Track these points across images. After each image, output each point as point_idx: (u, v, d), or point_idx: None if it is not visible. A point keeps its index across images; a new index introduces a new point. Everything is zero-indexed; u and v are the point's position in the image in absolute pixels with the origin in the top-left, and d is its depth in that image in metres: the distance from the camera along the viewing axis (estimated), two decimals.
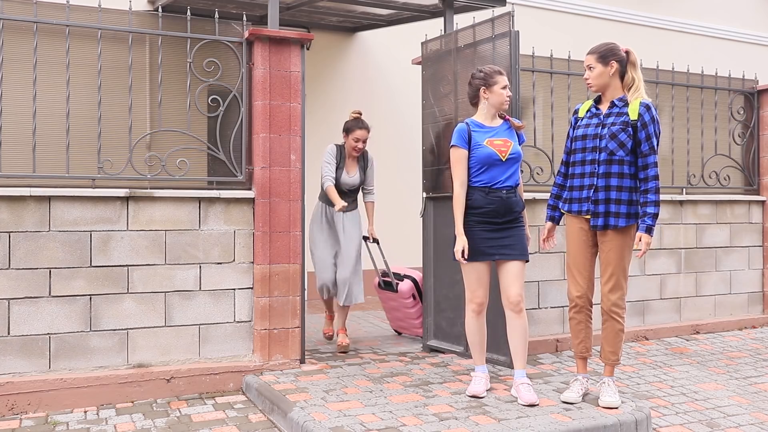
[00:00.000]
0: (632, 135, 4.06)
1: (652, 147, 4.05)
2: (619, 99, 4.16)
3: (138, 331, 4.77)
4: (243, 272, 5.04)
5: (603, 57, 4.14)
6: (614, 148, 4.09)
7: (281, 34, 5.03)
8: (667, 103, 7.08)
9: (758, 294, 7.42)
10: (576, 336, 4.34)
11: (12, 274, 4.48)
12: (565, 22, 8.68)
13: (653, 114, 4.05)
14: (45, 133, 4.69)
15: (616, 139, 4.09)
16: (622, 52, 4.16)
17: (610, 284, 4.17)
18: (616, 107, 4.16)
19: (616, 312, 4.18)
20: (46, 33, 4.75)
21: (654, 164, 4.06)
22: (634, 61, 4.16)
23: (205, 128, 5.14)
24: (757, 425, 4.30)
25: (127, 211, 4.75)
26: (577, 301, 4.31)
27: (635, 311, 6.71)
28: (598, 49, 4.18)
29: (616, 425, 3.88)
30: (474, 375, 4.42)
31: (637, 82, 4.13)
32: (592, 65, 4.16)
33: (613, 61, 4.13)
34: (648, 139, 4.04)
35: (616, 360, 4.23)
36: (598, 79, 4.17)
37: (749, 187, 7.47)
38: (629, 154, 4.09)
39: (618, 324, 4.18)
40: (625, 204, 4.10)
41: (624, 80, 4.17)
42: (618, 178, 4.10)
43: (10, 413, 4.38)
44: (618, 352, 4.21)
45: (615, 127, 4.10)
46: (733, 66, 8.60)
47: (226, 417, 4.37)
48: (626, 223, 4.11)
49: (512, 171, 4.32)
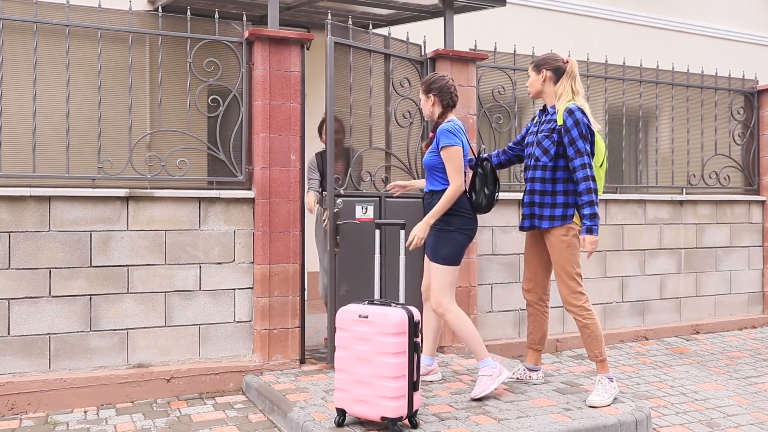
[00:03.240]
0: (557, 141, 4.21)
1: (578, 150, 4.14)
2: (552, 106, 4.34)
3: (138, 331, 4.77)
4: (243, 272, 5.04)
5: (537, 66, 4.38)
6: (539, 154, 4.28)
7: (281, 34, 5.03)
8: (667, 103, 7.08)
9: (758, 294, 7.41)
10: (527, 327, 4.63)
11: (12, 274, 4.48)
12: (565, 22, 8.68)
13: (576, 117, 4.15)
14: (45, 133, 4.69)
15: (541, 146, 4.27)
16: (560, 62, 4.33)
17: (557, 283, 4.34)
18: (548, 114, 4.35)
19: (572, 311, 4.30)
20: (46, 33, 4.75)
21: (581, 166, 4.14)
22: (569, 71, 4.31)
23: (205, 128, 5.14)
24: (757, 425, 4.30)
25: (127, 211, 4.75)
26: (524, 294, 4.58)
27: (635, 311, 6.71)
28: (535, 58, 4.47)
29: (616, 425, 3.88)
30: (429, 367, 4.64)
31: (563, 89, 4.27)
32: (529, 73, 4.42)
33: (545, 70, 4.32)
34: (572, 143, 4.16)
35: (594, 357, 4.29)
36: (531, 86, 4.41)
37: (749, 187, 7.47)
38: (553, 160, 4.23)
39: (579, 321, 4.28)
40: (548, 207, 4.26)
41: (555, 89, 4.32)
42: (541, 183, 4.28)
43: (10, 413, 4.38)
44: (593, 349, 4.27)
45: (541, 134, 4.29)
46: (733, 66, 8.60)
47: (226, 417, 4.37)
48: (549, 224, 4.26)
49: (428, 177, 4.40)
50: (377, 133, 5.51)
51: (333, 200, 4.99)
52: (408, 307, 3.73)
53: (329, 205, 4.98)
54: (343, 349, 3.76)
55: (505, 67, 6.14)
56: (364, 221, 5.15)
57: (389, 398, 3.60)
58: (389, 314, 3.64)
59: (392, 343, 3.60)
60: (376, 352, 3.63)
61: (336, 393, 3.78)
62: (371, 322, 3.67)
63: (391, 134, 5.57)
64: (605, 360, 4.29)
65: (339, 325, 3.79)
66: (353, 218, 5.10)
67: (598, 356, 4.27)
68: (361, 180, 5.37)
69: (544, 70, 4.31)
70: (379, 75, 5.52)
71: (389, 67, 5.56)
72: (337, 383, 3.77)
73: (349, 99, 5.31)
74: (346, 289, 5.10)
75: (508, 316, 6.02)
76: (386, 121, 5.55)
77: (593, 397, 4.17)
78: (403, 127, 5.60)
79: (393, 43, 5.63)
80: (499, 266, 6.00)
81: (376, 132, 5.50)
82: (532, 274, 4.52)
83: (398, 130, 5.59)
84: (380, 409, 3.62)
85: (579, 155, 4.15)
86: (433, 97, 4.38)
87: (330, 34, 5.02)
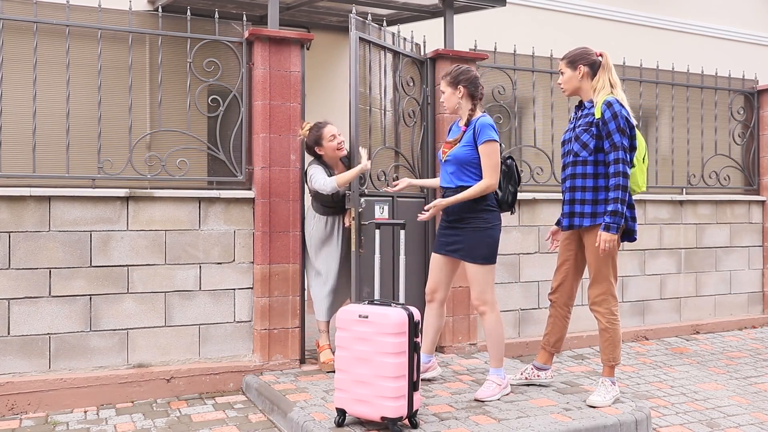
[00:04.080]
0: (596, 134, 4.11)
1: (613, 144, 4.04)
2: (589, 101, 4.24)
3: (138, 331, 4.77)
4: (243, 272, 5.04)
5: (571, 62, 4.25)
6: (578, 149, 4.17)
7: (281, 34, 5.03)
8: (667, 103, 7.08)
9: (758, 294, 7.41)
10: (546, 327, 4.51)
11: (12, 274, 4.48)
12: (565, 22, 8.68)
13: (615, 110, 4.04)
14: (45, 133, 4.69)
15: (579, 141, 4.16)
16: (594, 56, 4.24)
17: (591, 284, 4.24)
18: (585, 109, 4.24)
19: (596, 310, 4.22)
20: (46, 33, 4.75)
21: (615, 161, 4.03)
22: (605, 64, 4.22)
23: (205, 128, 5.14)
24: (757, 425, 4.30)
25: (127, 211, 4.75)
26: (550, 296, 4.47)
27: (635, 311, 6.71)
28: (568, 54, 4.31)
29: (616, 425, 3.88)
30: None
31: (602, 83, 4.18)
32: (563, 70, 4.30)
33: (581, 65, 4.22)
34: (609, 136, 4.06)
35: (608, 361, 4.23)
36: (567, 83, 4.29)
37: (749, 187, 7.47)
38: (593, 154, 4.13)
39: (603, 324, 4.20)
40: (590, 204, 4.14)
41: (593, 83, 4.23)
42: (582, 178, 4.17)
43: (10, 413, 4.38)
44: (609, 353, 4.21)
45: (579, 129, 4.19)
46: (733, 66, 8.60)
47: (226, 417, 4.37)
48: (591, 222, 4.14)
49: (449, 172, 4.31)
50: (389, 132, 5.50)
51: (357, 200, 4.91)
52: (408, 307, 3.73)
53: (354, 205, 4.87)
54: (343, 349, 3.76)
55: (505, 67, 6.14)
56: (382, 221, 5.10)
57: (389, 398, 3.60)
58: (389, 314, 3.64)
59: (392, 343, 3.60)
60: (376, 352, 3.63)
61: (336, 393, 3.78)
62: (371, 322, 3.66)
63: (399, 133, 5.57)
64: (615, 366, 4.24)
65: (339, 325, 3.79)
66: (373, 218, 5.03)
67: (611, 361, 4.21)
68: (377, 180, 5.32)
69: (581, 65, 4.19)
70: (390, 73, 5.48)
71: (398, 65, 5.53)
72: (337, 383, 3.76)
73: (368, 97, 5.21)
74: (368, 291, 5.04)
75: (508, 316, 6.02)
76: (395, 120, 5.54)
77: (594, 397, 4.16)
78: (409, 126, 5.60)
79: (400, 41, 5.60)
80: (499, 266, 5.99)
81: (388, 131, 5.48)
82: (562, 275, 4.38)
83: (405, 129, 5.59)
84: (380, 409, 3.62)
85: (614, 149, 4.03)
86: (462, 89, 4.28)
87: (354, 28, 4.96)
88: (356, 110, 4.94)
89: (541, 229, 6.17)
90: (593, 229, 4.14)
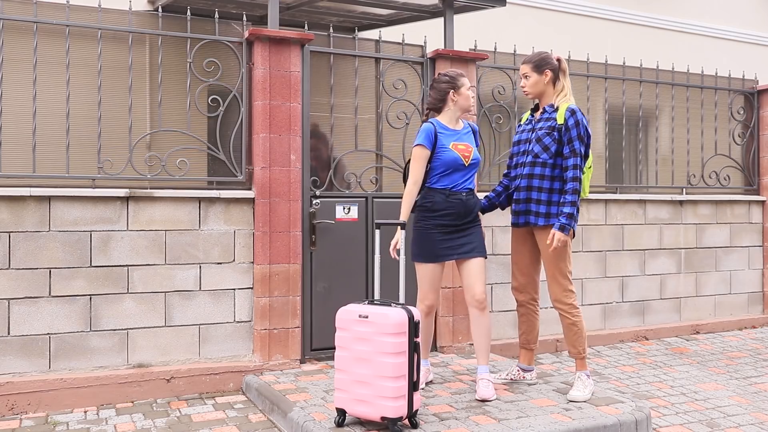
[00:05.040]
0: (558, 139, 4.23)
1: (573, 150, 4.19)
2: (549, 105, 4.34)
3: (138, 331, 4.77)
4: (243, 272, 5.04)
5: (538, 66, 4.32)
6: (538, 151, 4.27)
7: (281, 34, 5.03)
8: (667, 103, 7.08)
9: (758, 294, 7.41)
10: (519, 327, 4.60)
11: (12, 274, 4.48)
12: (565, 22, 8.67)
13: (578, 118, 4.20)
14: (45, 133, 4.69)
15: (541, 143, 4.27)
16: (555, 60, 4.33)
17: (548, 281, 4.35)
18: (546, 113, 4.34)
19: (560, 308, 4.33)
20: (46, 33, 4.75)
21: (573, 167, 4.18)
22: (564, 69, 4.36)
23: (205, 128, 5.14)
24: (757, 425, 4.30)
25: (127, 211, 4.75)
26: (516, 295, 4.55)
27: (635, 311, 6.71)
28: (532, 58, 4.36)
29: (616, 425, 3.88)
30: None
31: (566, 89, 4.33)
32: (528, 74, 4.35)
33: (547, 70, 4.30)
34: (569, 142, 4.20)
35: (577, 354, 4.34)
36: (534, 87, 4.36)
37: (749, 187, 7.47)
38: (553, 157, 4.25)
39: (566, 318, 4.32)
40: (545, 204, 4.26)
41: (555, 87, 4.33)
42: (540, 179, 4.28)
43: (10, 413, 4.38)
44: (577, 345, 4.33)
45: (541, 131, 4.28)
46: (733, 66, 8.60)
47: (226, 417, 4.37)
48: (545, 222, 4.26)
49: (471, 175, 4.38)
50: (366, 136, 5.56)
51: (309, 200, 5.18)
52: (408, 307, 3.73)
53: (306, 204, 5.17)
54: (343, 348, 3.76)
55: (505, 67, 6.14)
56: (346, 221, 5.32)
57: (389, 398, 3.59)
58: (389, 314, 3.64)
59: (392, 343, 3.60)
60: (376, 352, 3.62)
61: (336, 393, 3.78)
62: (371, 322, 3.66)
63: (382, 136, 5.59)
64: (586, 357, 4.36)
65: (339, 325, 3.79)
66: (333, 218, 5.28)
67: (581, 353, 4.33)
68: (345, 182, 5.44)
69: (548, 70, 4.30)
70: (368, 78, 5.58)
71: (379, 69, 5.59)
72: (337, 383, 3.76)
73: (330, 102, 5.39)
74: (324, 286, 5.29)
75: (508, 316, 6.02)
76: (377, 123, 5.60)
77: (574, 392, 4.25)
78: (397, 128, 5.61)
79: (386, 45, 5.66)
80: (499, 266, 6.00)
81: (364, 135, 5.54)
82: (523, 273, 4.50)
83: (392, 131, 5.61)
84: (380, 409, 3.61)
85: (573, 155, 4.19)
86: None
87: None
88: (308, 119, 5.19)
89: None
90: (546, 228, 4.27)
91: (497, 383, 4.53)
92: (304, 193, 5.17)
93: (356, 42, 5.55)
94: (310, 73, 5.22)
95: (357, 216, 5.38)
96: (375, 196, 5.47)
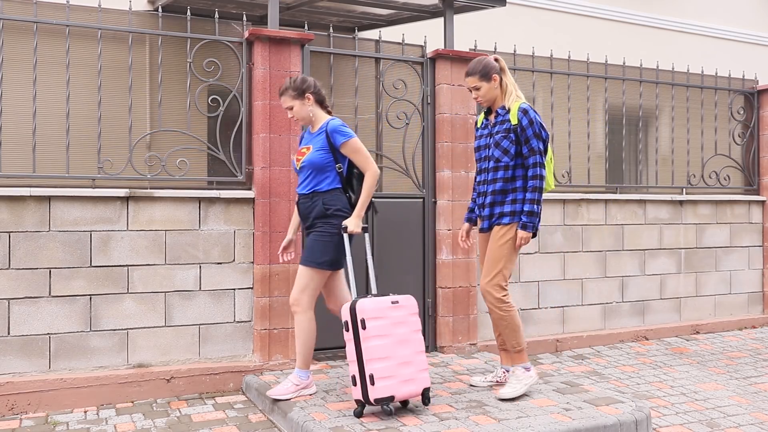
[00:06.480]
0: (515, 140, 4.23)
1: (531, 149, 4.18)
2: (501, 107, 4.32)
3: (138, 331, 4.77)
4: (243, 272, 5.04)
5: (485, 75, 4.28)
6: (499, 155, 4.27)
7: (281, 34, 5.03)
8: (667, 103, 7.08)
9: (758, 294, 7.41)
10: (494, 330, 4.47)
11: (12, 274, 4.48)
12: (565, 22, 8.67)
13: (531, 116, 4.19)
14: (45, 133, 4.69)
15: (500, 147, 4.26)
16: (495, 63, 4.31)
17: (483, 273, 4.34)
18: (500, 116, 4.32)
19: (492, 302, 4.27)
20: (46, 33, 4.75)
21: (534, 165, 4.18)
22: (504, 68, 4.34)
23: (205, 128, 5.14)
24: (757, 425, 4.30)
25: (127, 211, 4.75)
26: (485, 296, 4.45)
27: (635, 311, 6.71)
28: (476, 69, 4.29)
29: (616, 425, 3.88)
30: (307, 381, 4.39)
31: (510, 87, 4.31)
32: (477, 85, 4.29)
33: (494, 74, 4.28)
34: (527, 141, 4.20)
35: (513, 347, 4.29)
36: (486, 95, 4.32)
37: (749, 187, 7.47)
38: (514, 159, 4.25)
39: (496, 313, 4.27)
40: (509, 204, 4.27)
41: (503, 88, 4.31)
42: (503, 182, 4.28)
43: (10, 413, 4.38)
44: (511, 339, 4.28)
45: (498, 135, 4.28)
46: (733, 66, 8.60)
47: (226, 417, 4.37)
48: (510, 221, 4.26)
49: (306, 178, 4.26)
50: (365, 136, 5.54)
51: None
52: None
53: None
54: (384, 336, 3.90)
55: None
56: None
57: (425, 370, 4.03)
58: (410, 297, 4.10)
59: (418, 321, 4.10)
60: (411, 331, 4.01)
61: (379, 383, 3.81)
62: (402, 306, 4.02)
63: (381, 136, 5.59)
64: (523, 350, 4.31)
65: (373, 315, 3.88)
66: None
67: (516, 347, 4.29)
68: None
69: (494, 74, 4.27)
70: (368, 78, 5.57)
71: (379, 69, 5.60)
72: (380, 372, 3.83)
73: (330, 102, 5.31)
74: None
75: None
76: (376, 123, 5.60)
77: (504, 390, 4.23)
78: (398, 128, 5.61)
79: (386, 45, 5.66)
80: None
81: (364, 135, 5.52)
82: None
83: (392, 131, 5.61)
84: (421, 383, 4.00)
85: (533, 154, 4.19)
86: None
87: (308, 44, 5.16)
88: None
89: (541, 229, 6.17)
90: (506, 225, 4.26)
91: (484, 386, 4.49)
92: None
93: (356, 42, 5.55)
94: (310, 73, 5.22)
95: None
96: (375, 196, 5.41)
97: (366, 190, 4.21)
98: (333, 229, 4.19)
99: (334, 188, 4.23)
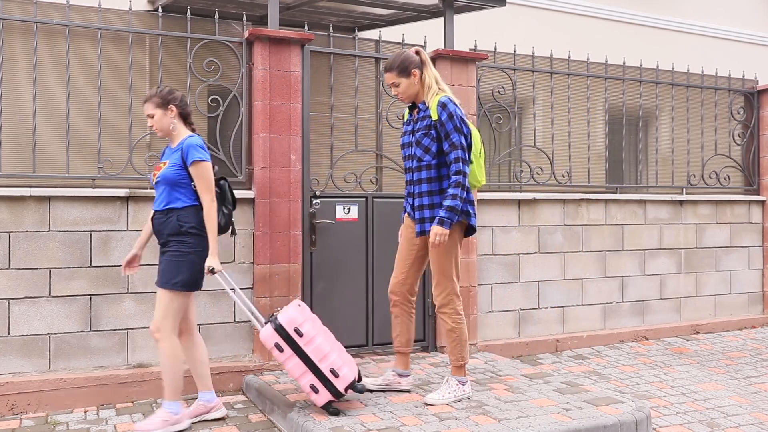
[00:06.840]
0: (436, 137, 4.05)
1: (452, 144, 4.00)
2: (422, 102, 4.15)
3: (138, 331, 4.77)
4: (243, 272, 5.04)
5: (403, 70, 4.09)
6: (420, 154, 4.11)
7: (281, 34, 5.03)
8: (667, 103, 7.08)
9: (758, 294, 7.42)
10: (393, 329, 4.38)
11: (12, 274, 4.48)
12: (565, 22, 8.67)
13: (450, 110, 4.00)
14: (45, 133, 4.69)
15: (421, 145, 4.10)
16: (415, 56, 4.12)
17: (433, 284, 4.21)
18: (421, 112, 4.16)
19: (443, 312, 4.19)
20: (46, 33, 4.75)
21: (455, 160, 4.00)
22: (425, 61, 4.12)
23: (205, 128, 5.14)
24: (757, 425, 4.30)
25: (127, 211, 4.75)
26: (391, 295, 4.37)
27: (635, 311, 6.71)
28: (394, 64, 4.12)
29: (616, 425, 3.88)
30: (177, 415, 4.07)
31: (429, 80, 4.10)
32: (396, 81, 4.12)
33: (414, 69, 4.08)
34: (447, 137, 4.01)
35: (456, 361, 4.20)
36: (406, 91, 4.14)
37: (749, 187, 7.47)
38: (436, 158, 4.07)
39: (448, 324, 4.18)
40: (438, 207, 4.07)
41: (423, 83, 4.12)
42: (428, 183, 4.10)
43: (10, 413, 4.38)
44: (456, 353, 4.18)
45: (419, 133, 4.11)
46: (733, 66, 8.60)
47: (226, 417, 4.37)
48: None
49: (160, 193, 4.05)
50: (367, 136, 5.56)
51: (309, 200, 5.17)
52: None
53: (306, 204, 5.15)
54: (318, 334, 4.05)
55: (505, 67, 6.14)
56: (346, 221, 5.34)
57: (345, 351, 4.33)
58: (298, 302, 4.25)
59: None
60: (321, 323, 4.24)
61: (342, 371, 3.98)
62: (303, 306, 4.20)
63: (382, 136, 5.60)
64: (464, 365, 4.22)
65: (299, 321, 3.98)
66: (333, 218, 5.28)
67: (459, 360, 4.19)
68: (345, 182, 5.41)
69: (414, 69, 4.07)
70: (368, 78, 5.57)
71: (379, 69, 5.60)
72: (336, 362, 4.00)
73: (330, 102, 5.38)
74: (323, 286, 5.29)
75: (508, 316, 6.02)
76: (377, 123, 5.61)
77: (432, 395, 4.15)
78: (398, 128, 5.61)
79: (386, 45, 5.67)
80: (499, 266, 6.00)
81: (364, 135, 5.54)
82: (403, 273, 4.30)
83: (392, 131, 5.61)
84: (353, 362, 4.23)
85: (454, 149, 4.00)
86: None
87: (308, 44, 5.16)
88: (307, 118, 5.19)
89: (541, 229, 6.18)
90: None
91: (374, 389, 4.33)
92: (304, 193, 5.17)
93: (356, 42, 5.55)
94: (310, 73, 5.22)
95: (357, 216, 5.38)
96: (375, 196, 5.47)
97: (208, 224, 3.98)
98: (187, 247, 3.96)
99: (189, 205, 4.00)
